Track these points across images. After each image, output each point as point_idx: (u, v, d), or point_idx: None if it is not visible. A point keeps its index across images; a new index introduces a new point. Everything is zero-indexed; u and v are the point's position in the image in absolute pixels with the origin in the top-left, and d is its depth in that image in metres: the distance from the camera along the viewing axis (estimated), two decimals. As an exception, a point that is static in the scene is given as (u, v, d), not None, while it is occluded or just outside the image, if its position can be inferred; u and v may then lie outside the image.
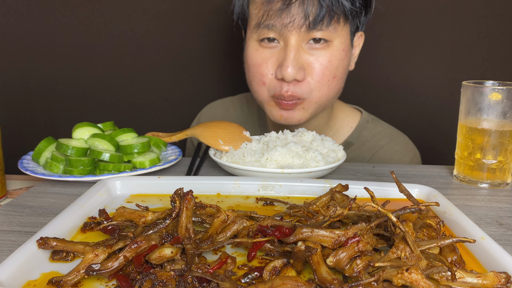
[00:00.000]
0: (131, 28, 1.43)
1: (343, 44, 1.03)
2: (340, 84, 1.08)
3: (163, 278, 0.49)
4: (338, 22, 0.99)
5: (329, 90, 1.05)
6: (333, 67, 1.02)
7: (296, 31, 0.97)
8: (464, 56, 1.40)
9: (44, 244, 0.55)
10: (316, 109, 1.07)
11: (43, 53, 1.44)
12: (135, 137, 0.98)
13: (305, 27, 0.97)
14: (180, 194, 0.61)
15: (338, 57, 1.02)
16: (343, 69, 1.05)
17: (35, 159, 0.92)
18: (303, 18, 0.95)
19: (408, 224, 0.56)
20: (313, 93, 1.03)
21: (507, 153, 0.90)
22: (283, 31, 0.98)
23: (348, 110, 1.25)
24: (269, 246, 0.57)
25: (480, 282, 0.51)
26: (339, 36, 1.01)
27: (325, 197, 0.72)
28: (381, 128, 1.23)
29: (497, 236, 0.69)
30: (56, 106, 1.49)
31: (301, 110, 1.05)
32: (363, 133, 1.21)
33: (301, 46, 0.99)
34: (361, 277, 0.50)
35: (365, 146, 1.20)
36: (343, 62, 1.04)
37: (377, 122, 1.24)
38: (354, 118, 1.23)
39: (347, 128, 1.22)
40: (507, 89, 0.87)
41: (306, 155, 0.91)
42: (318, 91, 1.03)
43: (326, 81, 1.03)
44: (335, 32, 0.99)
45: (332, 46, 1.01)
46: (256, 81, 1.06)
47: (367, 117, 1.23)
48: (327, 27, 0.97)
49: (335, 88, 1.06)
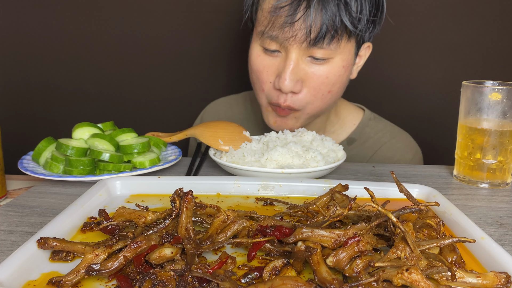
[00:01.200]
0: (131, 28, 1.43)
1: (344, 61, 1.02)
2: (335, 98, 1.08)
3: (163, 278, 0.49)
4: (340, 40, 0.98)
5: (322, 103, 1.06)
6: (330, 83, 1.02)
7: (297, 46, 0.97)
8: (464, 56, 1.40)
9: (44, 244, 0.55)
10: (308, 119, 1.09)
11: (43, 53, 1.44)
12: (135, 137, 0.98)
13: (306, 43, 0.96)
14: (180, 194, 0.61)
15: (336, 74, 1.02)
16: (341, 84, 1.05)
17: (35, 159, 0.92)
18: (305, 35, 0.95)
19: (408, 224, 0.56)
20: (308, 106, 1.04)
21: (507, 153, 0.90)
22: (285, 43, 0.98)
23: (351, 107, 1.26)
24: (269, 246, 0.57)
25: (480, 282, 0.51)
26: (340, 53, 1.00)
27: (325, 197, 0.72)
28: (383, 126, 1.24)
29: (497, 236, 0.69)
30: (56, 106, 1.49)
31: (293, 119, 1.07)
32: (365, 130, 1.22)
33: (302, 59, 1.00)
34: (361, 277, 0.50)
35: (368, 142, 1.21)
36: (341, 78, 1.04)
37: (379, 120, 1.25)
38: (357, 115, 1.24)
39: (350, 124, 1.23)
40: (507, 89, 0.87)
41: (306, 155, 0.91)
42: (312, 104, 1.04)
43: (320, 95, 1.03)
44: (336, 50, 0.99)
45: (332, 63, 1.00)
46: (256, 86, 1.08)
47: (370, 115, 1.24)
48: (328, 45, 0.97)
49: (328, 102, 1.07)
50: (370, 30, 1.04)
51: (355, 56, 1.06)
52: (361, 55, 1.10)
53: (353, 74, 1.11)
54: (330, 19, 0.94)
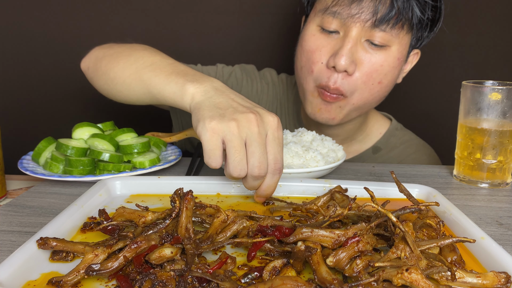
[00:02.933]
0: (131, 28, 1.43)
1: (400, 53, 1.01)
2: (383, 93, 1.06)
3: (163, 278, 0.49)
4: (402, 28, 0.97)
5: (370, 95, 1.03)
6: (383, 72, 1.00)
7: (360, 24, 0.96)
8: (464, 56, 1.40)
9: (44, 244, 0.55)
10: (351, 111, 1.06)
11: (43, 53, 1.44)
12: (135, 137, 0.98)
13: (370, 22, 0.95)
14: (180, 194, 0.61)
15: (391, 64, 1.00)
16: (392, 78, 1.03)
17: (35, 159, 0.92)
18: (371, 13, 0.94)
19: (408, 224, 0.56)
20: (355, 94, 1.02)
21: (507, 153, 0.90)
22: (347, 21, 0.96)
23: (378, 116, 1.25)
24: (269, 246, 0.57)
25: (480, 282, 0.51)
26: (399, 43, 0.99)
27: (324, 197, 0.72)
28: (409, 137, 1.24)
29: (497, 236, 0.69)
30: (56, 106, 1.49)
31: (337, 109, 1.04)
32: (391, 140, 1.22)
33: (360, 41, 0.98)
34: (361, 277, 0.50)
35: (393, 152, 1.21)
36: (394, 71, 1.02)
37: (405, 130, 1.26)
38: (384, 124, 1.24)
39: (376, 133, 1.23)
40: (507, 89, 0.87)
41: (306, 155, 0.91)
42: (360, 93, 1.02)
43: (370, 84, 1.01)
44: (396, 37, 0.97)
45: (389, 51, 0.99)
46: (305, 68, 1.04)
47: (396, 125, 1.24)
48: (391, 30, 0.96)
49: (376, 94, 1.04)
50: (427, 30, 1.03)
51: (408, 54, 1.05)
52: (409, 61, 1.09)
53: (399, 78, 1.09)
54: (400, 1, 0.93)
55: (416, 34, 1.02)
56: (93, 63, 1.03)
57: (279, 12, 1.42)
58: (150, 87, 0.87)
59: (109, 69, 0.96)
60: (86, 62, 1.06)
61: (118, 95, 0.97)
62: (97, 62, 1.01)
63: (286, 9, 1.43)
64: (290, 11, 1.42)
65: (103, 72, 0.98)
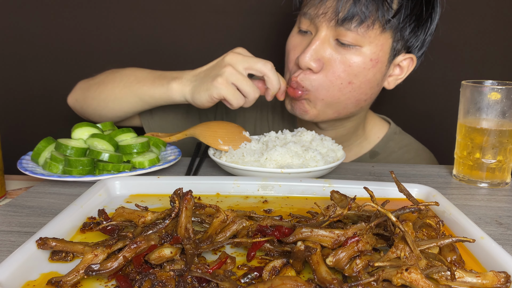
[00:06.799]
0: (131, 28, 1.43)
1: (374, 54, 0.98)
2: (359, 94, 1.03)
3: (162, 278, 0.49)
4: (371, 28, 0.95)
5: (341, 94, 1.02)
6: (352, 73, 0.99)
7: (326, 23, 0.97)
8: (464, 56, 1.40)
9: (43, 244, 0.55)
10: (325, 108, 1.04)
11: (43, 53, 1.44)
12: (134, 137, 0.98)
13: (334, 21, 0.96)
14: (180, 194, 0.61)
15: (361, 65, 0.99)
16: (364, 79, 1.01)
17: (34, 159, 0.92)
18: (334, 13, 0.95)
19: (407, 224, 0.56)
20: (320, 90, 1.01)
21: (507, 153, 0.90)
22: (315, 21, 0.99)
23: (377, 120, 1.24)
24: (268, 246, 0.57)
25: (480, 281, 0.51)
26: (370, 43, 0.97)
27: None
28: (408, 142, 1.23)
29: (497, 235, 0.69)
30: (56, 106, 1.49)
31: (309, 103, 1.05)
32: (389, 144, 1.21)
33: (329, 41, 0.99)
34: (360, 277, 0.50)
35: (391, 157, 1.20)
36: (366, 72, 1.00)
37: (404, 135, 1.24)
38: (382, 128, 1.23)
39: (374, 138, 1.22)
40: (506, 88, 0.87)
41: (306, 155, 0.91)
42: (327, 90, 1.01)
43: (338, 83, 1.00)
44: (364, 37, 0.96)
45: (360, 52, 0.98)
46: (285, 67, 1.09)
47: (395, 129, 1.23)
48: (355, 28, 0.95)
49: (349, 94, 1.02)
50: (412, 34, 1.01)
51: (391, 57, 1.02)
52: (402, 66, 1.07)
53: (390, 85, 1.09)
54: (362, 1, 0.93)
55: (396, 36, 0.99)
56: (80, 95, 1.15)
57: (279, 12, 1.42)
58: (141, 95, 1.05)
59: (99, 92, 1.10)
60: (73, 96, 1.17)
61: (110, 112, 1.10)
62: (84, 92, 1.14)
63: (286, 9, 1.43)
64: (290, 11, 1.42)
65: (93, 97, 1.11)
